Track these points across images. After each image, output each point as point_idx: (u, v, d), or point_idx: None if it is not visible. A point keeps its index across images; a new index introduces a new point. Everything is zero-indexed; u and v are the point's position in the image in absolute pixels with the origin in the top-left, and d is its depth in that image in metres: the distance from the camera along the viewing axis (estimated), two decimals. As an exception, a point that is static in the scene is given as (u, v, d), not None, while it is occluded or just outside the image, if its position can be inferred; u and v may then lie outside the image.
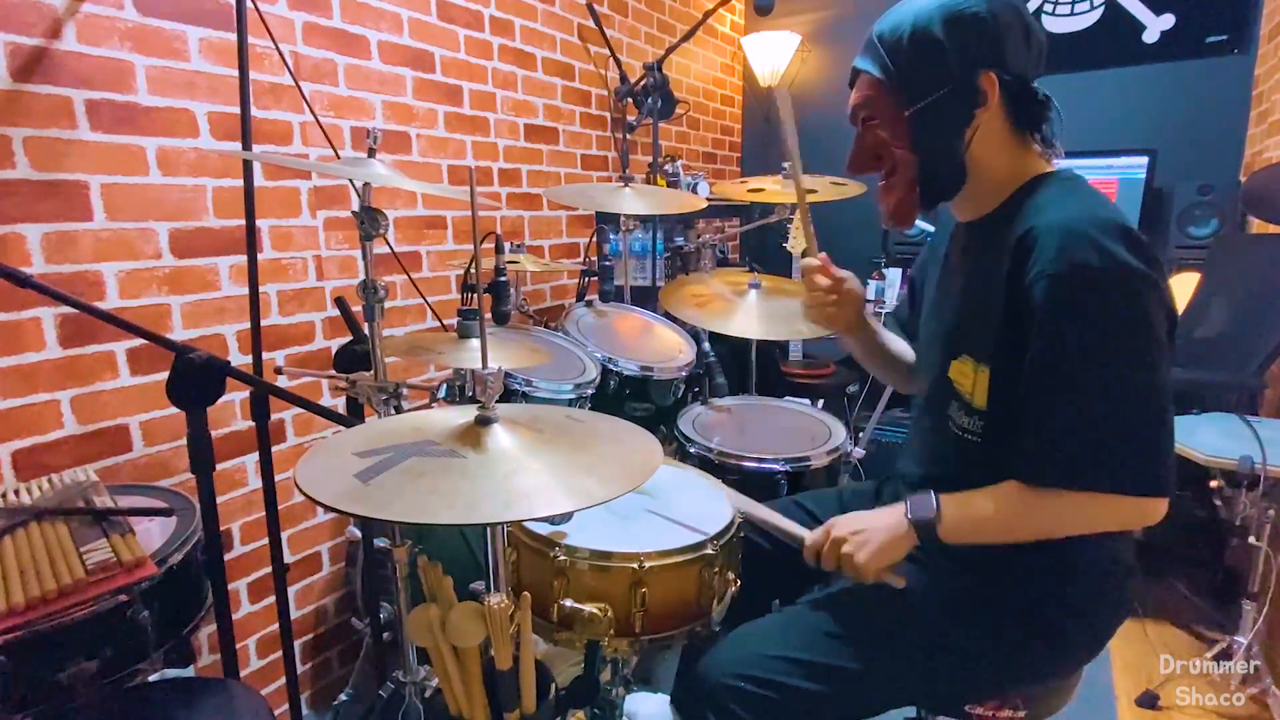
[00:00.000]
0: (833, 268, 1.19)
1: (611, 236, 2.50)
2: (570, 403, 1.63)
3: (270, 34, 1.41)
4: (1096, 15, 3.11)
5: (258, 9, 1.38)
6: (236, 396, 1.57)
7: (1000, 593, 1.00)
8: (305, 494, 0.70)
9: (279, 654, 1.46)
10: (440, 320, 2.00)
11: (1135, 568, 1.03)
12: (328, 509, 0.81)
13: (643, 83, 2.29)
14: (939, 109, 0.93)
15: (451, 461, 0.78)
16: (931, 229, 1.32)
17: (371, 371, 1.22)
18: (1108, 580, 1.01)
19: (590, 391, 1.67)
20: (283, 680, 1.41)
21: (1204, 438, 1.77)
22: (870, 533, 0.98)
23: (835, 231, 2.03)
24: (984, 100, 0.92)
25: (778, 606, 1.24)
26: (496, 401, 0.86)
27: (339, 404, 1.73)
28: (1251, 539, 1.72)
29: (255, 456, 1.32)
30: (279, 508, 1.28)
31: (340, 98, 1.76)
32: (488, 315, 1.61)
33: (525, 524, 1.11)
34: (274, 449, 1.25)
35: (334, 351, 1.47)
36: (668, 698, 1.09)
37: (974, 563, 1.00)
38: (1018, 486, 0.90)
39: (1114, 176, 2.89)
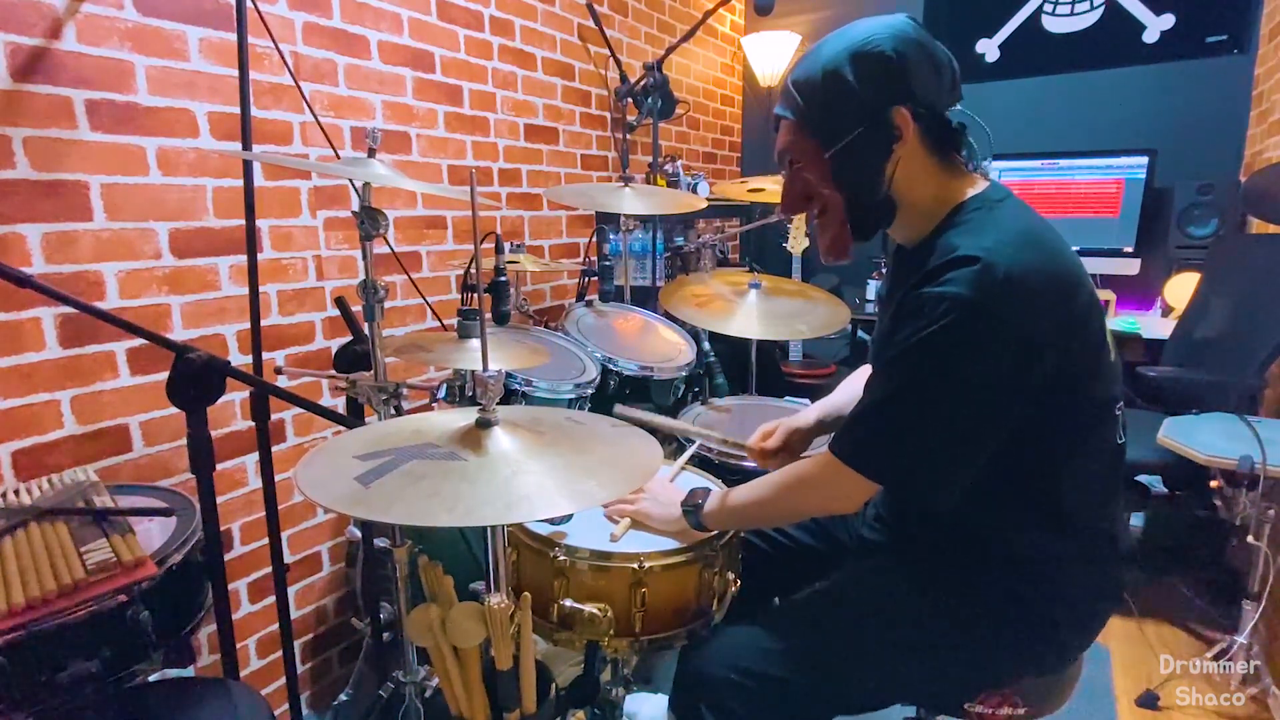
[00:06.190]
0: (760, 445, 1.31)
1: (611, 236, 2.49)
2: (570, 403, 1.63)
3: (270, 34, 1.41)
4: (1096, 15, 3.11)
5: (258, 9, 1.38)
6: (236, 396, 1.57)
7: (985, 583, 1.01)
8: (307, 497, 0.70)
9: (279, 654, 1.46)
10: (440, 320, 2.00)
11: (1127, 555, 1.03)
12: (329, 510, 0.81)
13: (643, 83, 2.29)
14: (857, 148, 0.95)
15: (452, 464, 0.78)
16: None
17: (371, 371, 1.23)
18: (1094, 566, 1.01)
19: (590, 391, 1.67)
20: (283, 680, 1.41)
21: (1204, 438, 1.78)
22: (652, 503, 1.16)
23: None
24: (900, 135, 0.93)
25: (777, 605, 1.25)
26: (496, 403, 0.86)
27: (339, 404, 1.73)
28: (1251, 539, 1.72)
29: (255, 456, 1.32)
30: (279, 508, 1.28)
31: (340, 98, 1.76)
32: (488, 315, 1.61)
33: (525, 524, 1.11)
34: (274, 449, 1.25)
35: (334, 351, 1.47)
36: (668, 698, 1.09)
37: (958, 553, 1.02)
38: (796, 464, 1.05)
39: (1114, 176, 2.89)
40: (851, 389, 1.33)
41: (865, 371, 1.31)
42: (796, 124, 0.99)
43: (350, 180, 1.70)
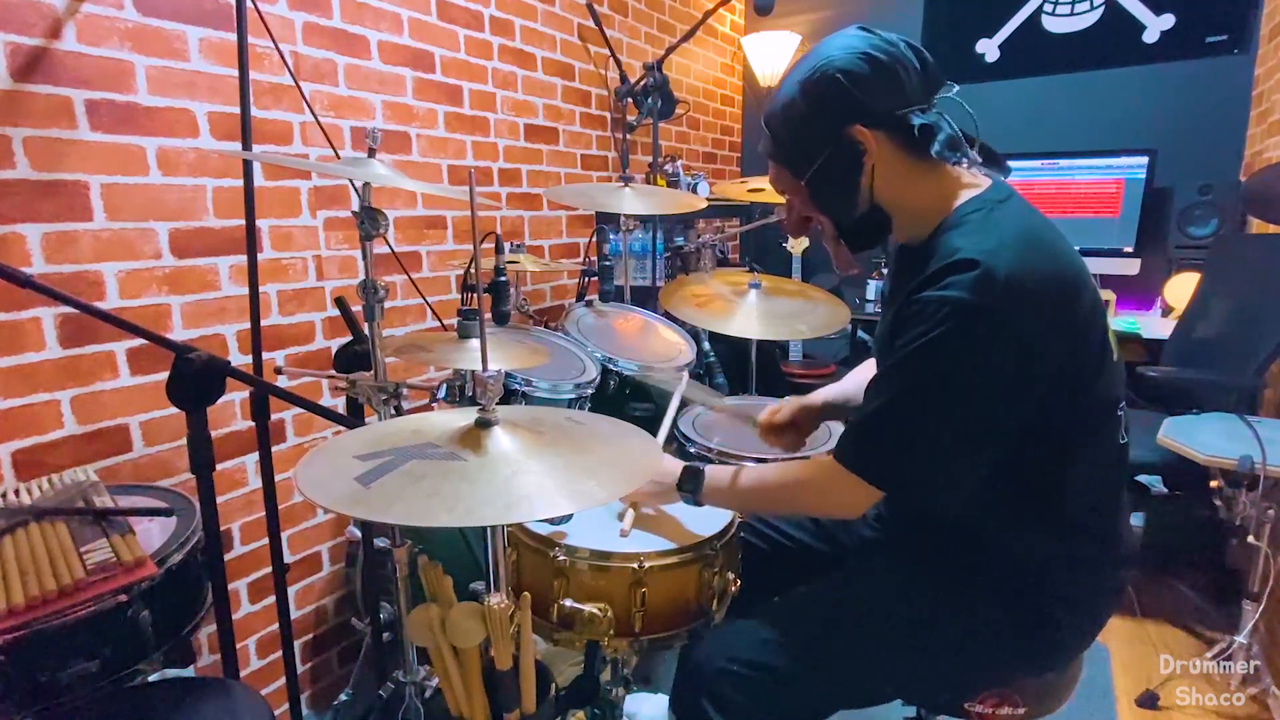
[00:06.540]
0: (769, 419, 1.33)
1: (611, 236, 2.49)
2: (570, 403, 1.63)
3: (270, 34, 1.41)
4: (1096, 15, 3.11)
5: (258, 9, 1.38)
6: (236, 396, 1.57)
7: (984, 581, 1.01)
8: (307, 497, 0.70)
9: (279, 654, 1.46)
10: (440, 320, 2.00)
11: (1129, 556, 1.03)
12: (329, 510, 0.81)
13: (643, 83, 2.29)
14: (827, 171, 0.97)
15: (452, 464, 0.78)
16: None
17: (371, 371, 1.23)
18: (1095, 566, 1.01)
19: (590, 391, 1.67)
20: (283, 680, 1.41)
21: (1204, 438, 1.77)
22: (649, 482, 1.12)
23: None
24: (865, 150, 0.94)
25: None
26: (496, 403, 0.86)
27: (339, 404, 1.72)
28: (1251, 539, 1.72)
29: (255, 456, 1.32)
30: (279, 508, 1.28)
31: (340, 98, 1.76)
32: (488, 315, 1.61)
33: (525, 524, 1.11)
34: (274, 449, 1.25)
35: (334, 351, 1.47)
36: (668, 698, 1.09)
37: (959, 553, 1.02)
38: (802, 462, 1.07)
39: (1114, 176, 2.89)
40: (859, 379, 1.33)
41: (871, 365, 1.31)
42: (773, 157, 1.02)
43: (350, 180, 1.70)
